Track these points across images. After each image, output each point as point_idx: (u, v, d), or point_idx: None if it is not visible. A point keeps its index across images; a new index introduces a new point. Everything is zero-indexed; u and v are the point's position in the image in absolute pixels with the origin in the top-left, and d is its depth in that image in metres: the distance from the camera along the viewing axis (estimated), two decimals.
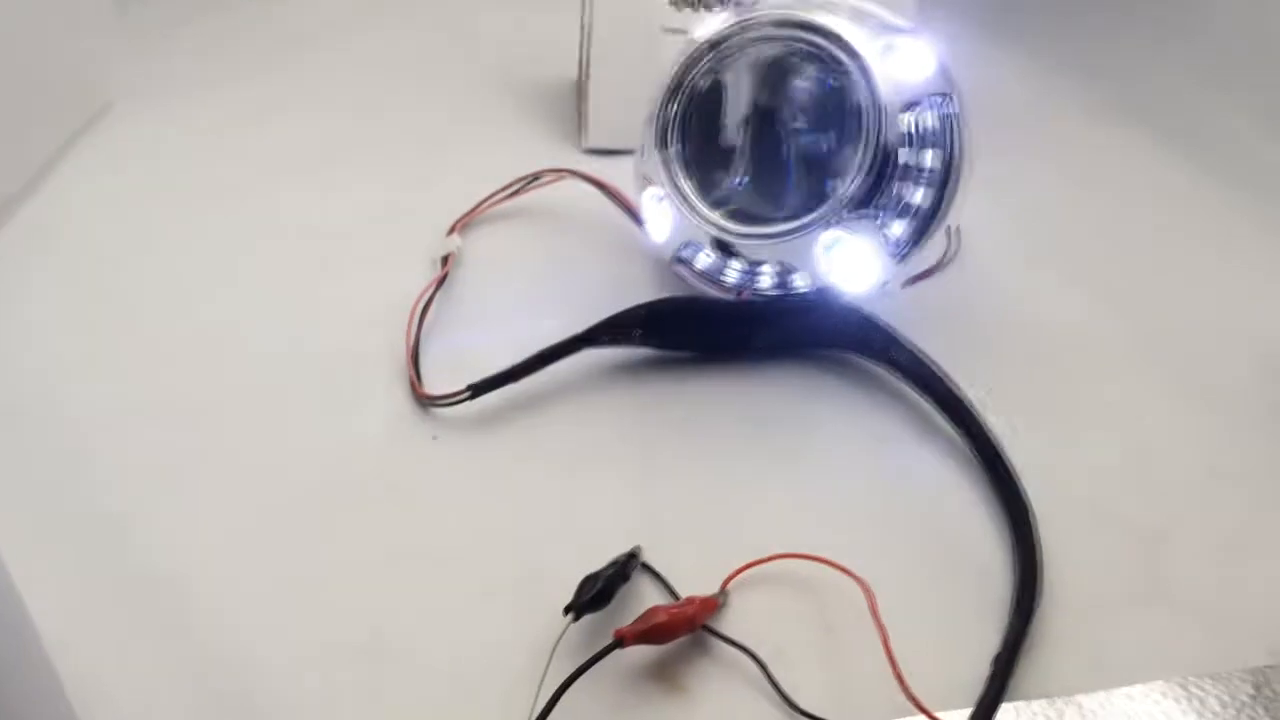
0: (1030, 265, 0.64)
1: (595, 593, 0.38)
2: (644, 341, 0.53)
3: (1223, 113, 0.79)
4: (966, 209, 0.52)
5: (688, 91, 0.55)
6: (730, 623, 0.40)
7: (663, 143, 0.55)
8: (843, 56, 0.50)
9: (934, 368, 0.49)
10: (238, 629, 0.40)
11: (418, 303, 0.55)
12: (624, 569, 0.40)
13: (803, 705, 0.36)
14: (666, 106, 0.55)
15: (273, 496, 0.45)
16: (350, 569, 0.42)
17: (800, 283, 0.53)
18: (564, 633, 0.37)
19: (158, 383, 0.52)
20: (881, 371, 0.52)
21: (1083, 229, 0.69)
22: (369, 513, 0.45)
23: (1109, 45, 0.91)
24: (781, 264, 0.54)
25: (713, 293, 0.56)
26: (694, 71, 0.55)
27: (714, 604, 0.40)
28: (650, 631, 0.37)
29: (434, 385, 0.50)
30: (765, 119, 0.56)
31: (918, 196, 0.52)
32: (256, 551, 0.43)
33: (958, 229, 0.60)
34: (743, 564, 0.41)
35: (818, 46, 0.51)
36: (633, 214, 0.61)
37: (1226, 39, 0.83)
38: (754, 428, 0.50)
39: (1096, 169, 0.77)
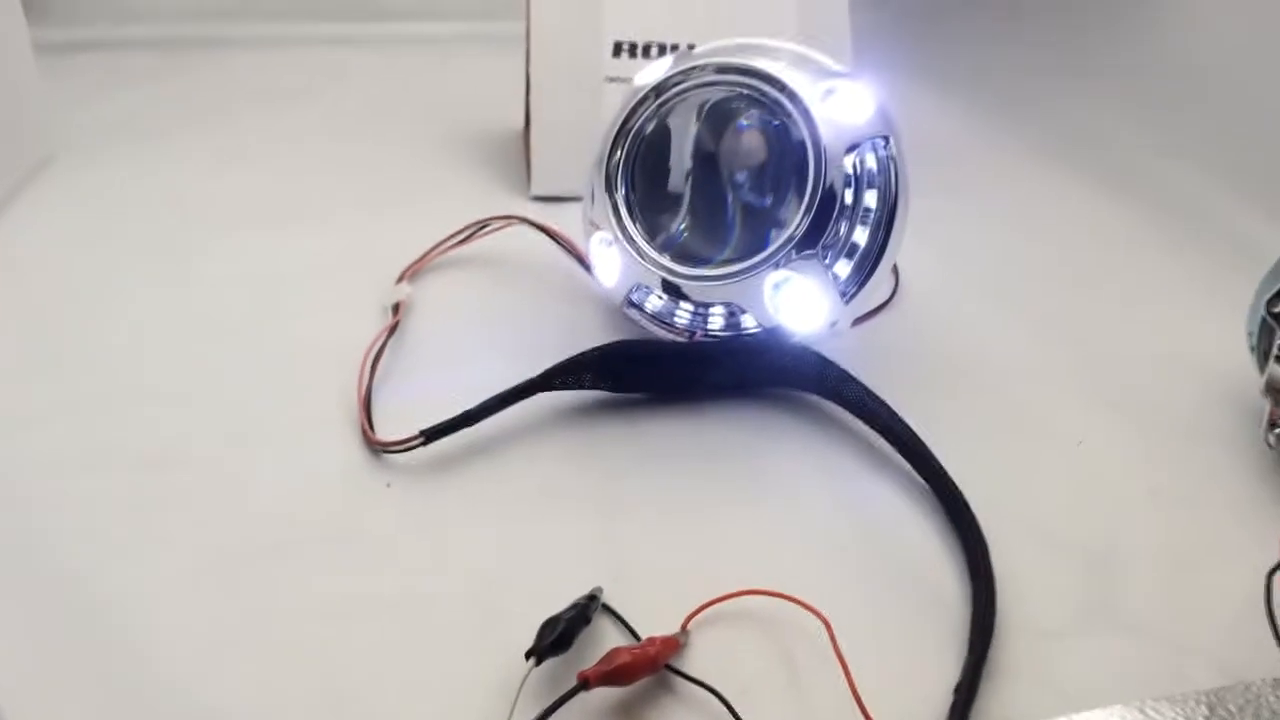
0: (968, 300, 0.66)
1: (556, 636, 0.38)
2: (598, 384, 0.53)
3: (1149, 149, 0.83)
4: (904, 248, 0.53)
5: (633, 136, 0.56)
6: (693, 661, 0.40)
7: (610, 187, 0.56)
8: (785, 101, 0.52)
9: (885, 404, 0.50)
10: (190, 678, 0.38)
11: (369, 351, 0.55)
12: (584, 611, 0.40)
13: None
14: (613, 151, 0.56)
15: (226, 545, 0.44)
16: (307, 618, 0.41)
17: (750, 323, 0.54)
18: (526, 677, 0.37)
19: (107, 431, 0.50)
20: (833, 408, 0.53)
21: (1017, 264, 0.71)
22: (324, 561, 0.44)
23: (1036, 87, 0.95)
24: (730, 305, 0.54)
25: (665, 335, 0.57)
26: (638, 116, 0.56)
27: (675, 643, 0.39)
28: (614, 673, 0.37)
29: (387, 432, 0.49)
30: (709, 162, 0.57)
31: (861, 236, 0.53)
32: (209, 601, 0.42)
33: (896, 267, 0.61)
34: (702, 602, 0.41)
35: (760, 91, 0.52)
36: (580, 260, 0.62)
37: (1154, 79, 0.86)
38: (709, 466, 0.50)
39: (1027, 206, 0.79)
